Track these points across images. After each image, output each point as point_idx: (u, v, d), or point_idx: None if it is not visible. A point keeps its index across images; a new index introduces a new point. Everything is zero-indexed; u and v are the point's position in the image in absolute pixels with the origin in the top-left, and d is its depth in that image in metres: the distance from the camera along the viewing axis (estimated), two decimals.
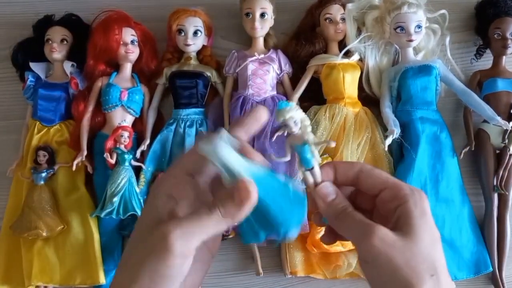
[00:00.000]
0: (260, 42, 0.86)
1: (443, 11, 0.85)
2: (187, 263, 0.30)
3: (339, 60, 0.83)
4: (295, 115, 0.35)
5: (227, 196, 0.30)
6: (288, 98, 0.85)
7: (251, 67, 0.83)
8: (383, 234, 0.33)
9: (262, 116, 0.35)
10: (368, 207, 0.38)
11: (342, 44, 0.85)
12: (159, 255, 0.29)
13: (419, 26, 0.82)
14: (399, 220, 0.34)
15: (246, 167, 0.30)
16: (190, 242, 0.29)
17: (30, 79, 0.85)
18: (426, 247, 0.33)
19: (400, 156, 0.82)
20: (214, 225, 0.30)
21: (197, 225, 0.29)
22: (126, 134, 0.80)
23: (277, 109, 0.36)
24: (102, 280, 0.78)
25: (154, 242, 0.29)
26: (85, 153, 0.80)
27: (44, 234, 0.76)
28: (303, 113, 0.36)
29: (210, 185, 0.34)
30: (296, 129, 0.36)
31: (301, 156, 0.36)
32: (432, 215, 0.78)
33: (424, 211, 0.34)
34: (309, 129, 0.36)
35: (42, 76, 0.86)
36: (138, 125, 0.85)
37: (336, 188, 0.37)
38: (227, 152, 0.30)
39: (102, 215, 0.76)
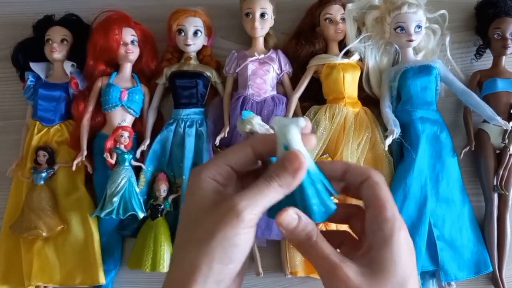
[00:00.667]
0: (260, 42, 0.86)
1: (443, 11, 0.85)
2: (253, 232, 0.33)
3: (339, 60, 0.83)
4: (257, 121, 0.36)
5: (281, 167, 0.32)
6: (288, 98, 0.85)
7: (251, 67, 0.83)
8: (347, 277, 0.31)
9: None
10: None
11: (342, 44, 0.85)
12: (230, 223, 0.31)
13: (419, 26, 0.82)
14: (372, 251, 0.32)
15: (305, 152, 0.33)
16: (256, 210, 0.32)
17: (30, 79, 0.85)
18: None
19: (400, 156, 0.82)
20: (273, 194, 0.32)
21: (259, 195, 0.32)
22: (126, 134, 0.80)
23: (241, 119, 0.36)
24: (102, 280, 0.78)
25: (223, 213, 0.31)
26: (85, 153, 0.80)
27: (44, 234, 0.76)
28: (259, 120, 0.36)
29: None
30: (264, 129, 0.36)
31: (278, 140, 0.34)
32: (432, 215, 0.78)
33: (400, 244, 0.32)
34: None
35: (42, 76, 0.86)
36: (138, 125, 0.85)
37: (300, 213, 0.34)
38: (296, 133, 0.33)
39: (102, 215, 0.76)
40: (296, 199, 0.34)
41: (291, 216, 0.34)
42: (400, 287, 0.31)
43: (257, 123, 0.36)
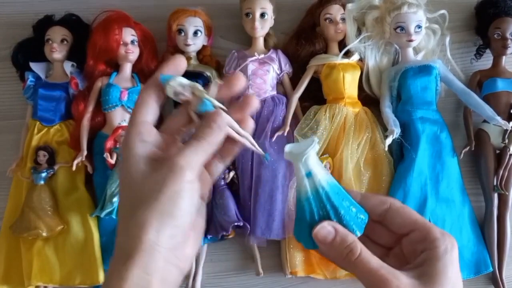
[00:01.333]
0: (260, 42, 0.86)
1: (443, 11, 0.85)
2: (196, 185, 0.34)
3: (339, 60, 0.83)
4: (178, 82, 0.36)
5: (207, 127, 0.35)
6: (288, 98, 0.85)
7: (251, 67, 0.83)
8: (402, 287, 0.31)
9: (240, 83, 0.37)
10: (387, 243, 0.37)
11: (342, 44, 0.85)
12: (175, 178, 0.32)
13: (419, 26, 0.82)
14: (424, 265, 0.32)
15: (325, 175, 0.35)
16: (194, 164, 0.33)
17: (30, 79, 0.85)
18: None
19: (400, 156, 0.82)
20: (206, 149, 0.34)
21: (194, 152, 0.34)
22: None
23: (162, 84, 0.36)
24: (102, 280, 0.78)
25: (166, 170, 0.32)
26: (85, 153, 0.80)
27: (44, 234, 0.76)
28: (188, 81, 0.37)
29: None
30: (188, 93, 0.36)
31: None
32: (432, 215, 0.78)
33: (453, 259, 0.32)
34: (199, 86, 0.36)
35: (42, 76, 0.86)
36: None
37: (335, 224, 0.34)
38: (314, 157, 0.35)
39: (102, 215, 0.76)
40: (329, 215, 0.34)
41: (326, 228, 0.34)
42: None
43: (178, 86, 0.36)
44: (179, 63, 0.37)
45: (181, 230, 0.32)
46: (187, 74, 0.35)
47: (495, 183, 0.81)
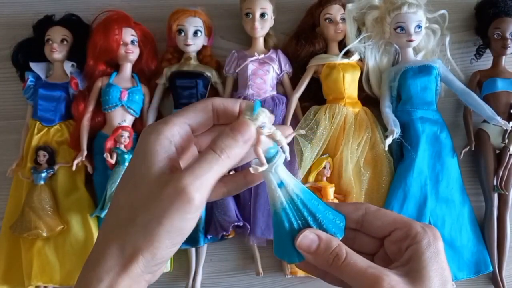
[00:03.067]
0: (260, 42, 0.86)
1: (443, 11, 0.85)
2: (200, 213, 0.31)
3: (339, 60, 0.83)
4: (269, 115, 0.34)
5: (230, 138, 0.31)
6: (288, 98, 0.85)
7: (251, 67, 0.83)
8: (393, 284, 0.30)
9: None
10: (370, 249, 0.36)
11: (342, 44, 0.85)
12: (181, 209, 0.29)
13: (419, 26, 0.82)
14: (410, 262, 0.32)
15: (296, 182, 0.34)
16: (207, 190, 0.30)
17: (30, 79, 0.85)
18: None
19: (400, 156, 0.82)
20: (222, 167, 0.31)
21: (209, 171, 0.30)
22: (126, 134, 0.80)
23: (254, 105, 0.33)
24: None
25: (172, 197, 0.29)
26: (85, 153, 0.80)
27: (44, 234, 0.76)
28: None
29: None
30: (266, 132, 0.34)
31: (264, 177, 0.34)
32: (432, 215, 0.78)
33: (437, 251, 0.32)
34: (282, 158, 0.34)
35: (42, 76, 0.86)
36: (138, 125, 0.85)
37: (316, 231, 0.33)
38: (283, 167, 0.34)
39: (102, 215, 0.76)
40: (308, 222, 0.34)
41: (309, 237, 0.33)
42: None
43: (262, 121, 0.33)
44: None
45: (168, 258, 0.32)
46: (187, 74, 0.34)
47: (495, 183, 0.81)
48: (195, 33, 0.84)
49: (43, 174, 0.80)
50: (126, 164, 0.79)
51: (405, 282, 0.31)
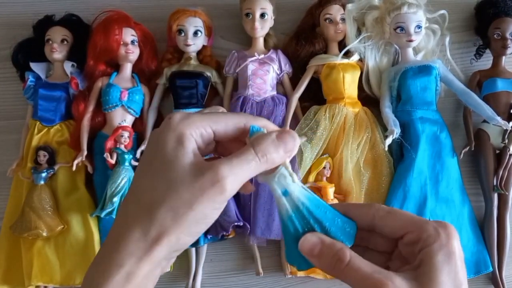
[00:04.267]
0: (260, 42, 0.86)
1: (443, 11, 0.85)
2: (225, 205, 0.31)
3: (339, 60, 0.83)
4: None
5: (274, 145, 0.32)
6: (288, 98, 0.85)
7: (251, 67, 0.83)
8: None
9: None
10: (386, 248, 0.34)
11: (342, 44, 0.85)
12: (213, 197, 0.30)
13: (419, 26, 0.82)
14: (421, 266, 0.30)
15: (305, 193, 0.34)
16: (239, 183, 0.31)
17: (30, 79, 0.85)
18: None
19: (400, 156, 0.82)
20: (258, 168, 0.31)
21: (245, 168, 0.31)
22: (126, 134, 0.80)
23: (250, 132, 0.34)
24: None
25: (206, 185, 0.30)
26: (85, 153, 0.80)
27: (44, 234, 0.76)
28: None
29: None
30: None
31: (270, 186, 0.34)
32: (432, 215, 0.77)
33: (451, 252, 0.30)
34: (288, 166, 0.34)
35: (42, 76, 0.86)
36: (138, 125, 0.85)
37: (320, 235, 0.33)
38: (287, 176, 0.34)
39: (102, 215, 0.76)
40: (314, 229, 0.33)
41: (311, 240, 0.32)
42: None
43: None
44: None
45: (187, 245, 0.32)
46: (187, 74, 0.34)
47: (495, 183, 0.81)
48: (195, 33, 0.84)
49: (43, 174, 0.80)
50: (127, 164, 0.79)
51: (413, 286, 0.30)
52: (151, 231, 0.30)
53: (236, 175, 0.30)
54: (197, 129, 0.32)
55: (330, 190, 0.78)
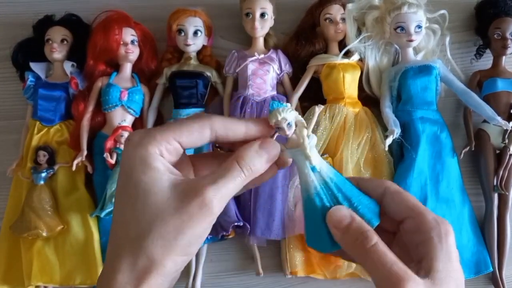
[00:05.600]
0: (260, 42, 0.86)
1: (443, 11, 0.85)
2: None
3: (339, 60, 0.83)
4: (288, 117, 0.33)
5: (257, 156, 0.31)
6: (288, 98, 0.85)
7: (251, 67, 0.83)
8: None
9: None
10: (391, 228, 0.34)
11: (342, 44, 0.85)
12: (203, 220, 0.29)
13: (419, 26, 0.82)
14: (424, 263, 0.30)
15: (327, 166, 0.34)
16: (226, 201, 0.31)
17: (30, 79, 0.85)
18: None
19: (400, 156, 0.82)
20: (244, 181, 0.31)
21: (231, 187, 0.30)
22: (126, 134, 0.80)
23: (269, 109, 0.33)
24: None
25: (194, 208, 0.29)
26: (85, 153, 0.80)
27: (44, 234, 0.76)
28: (298, 115, 0.34)
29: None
30: (290, 132, 0.33)
31: (296, 162, 0.34)
32: None
33: (450, 251, 0.30)
34: (305, 132, 0.33)
35: (42, 76, 0.86)
36: (138, 125, 0.85)
37: (353, 213, 0.32)
38: (315, 151, 0.34)
39: (102, 215, 0.76)
40: (342, 204, 0.33)
41: (342, 211, 0.32)
42: None
43: (283, 119, 0.33)
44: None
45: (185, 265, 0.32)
46: (187, 74, 0.34)
47: (495, 183, 0.81)
48: (195, 33, 0.84)
49: (43, 174, 0.80)
50: None
51: (428, 285, 0.29)
52: (142, 261, 0.29)
53: (222, 195, 0.30)
54: (160, 145, 0.30)
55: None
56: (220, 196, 0.30)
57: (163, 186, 0.30)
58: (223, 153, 0.36)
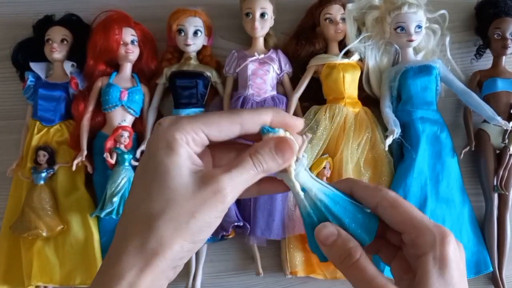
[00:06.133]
0: (260, 42, 0.86)
1: (443, 11, 0.85)
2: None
3: (339, 60, 0.83)
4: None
5: (271, 155, 0.32)
6: (288, 98, 0.85)
7: (251, 67, 0.83)
8: None
9: None
10: (396, 241, 0.34)
11: (342, 44, 0.85)
12: (215, 207, 0.30)
13: (419, 26, 0.82)
14: (416, 278, 0.30)
15: (320, 186, 0.34)
16: (238, 194, 0.32)
17: (30, 79, 0.85)
18: None
19: (400, 156, 0.82)
20: (256, 177, 0.32)
21: (244, 179, 0.31)
22: (126, 134, 0.80)
23: (261, 131, 0.34)
24: None
25: (208, 195, 0.30)
26: (85, 153, 0.80)
27: (44, 234, 0.76)
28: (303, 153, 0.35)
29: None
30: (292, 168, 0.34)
31: (286, 182, 0.35)
32: (432, 215, 0.77)
33: (445, 266, 0.29)
34: (294, 158, 0.34)
35: (42, 76, 0.86)
36: (138, 125, 0.85)
37: (340, 230, 0.33)
38: (305, 173, 0.34)
39: (102, 215, 0.76)
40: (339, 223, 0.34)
41: (328, 229, 0.33)
42: None
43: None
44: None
45: (192, 254, 0.32)
46: (187, 74, 0.34)
47: (495, 183, 0.81)
48: (195, 33, 0.84)
49: (43, 174, 0.80)
50: (126, 164, 0.79)
51: None
52: (151, 242, 0.29)
53: (235, 185, 0.31)
54: (188, 134, 0.31)
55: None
56: (233, 185, 0.31)
57: (182, 171, 0.31)
58: (242, 143, 0.37)
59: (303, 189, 0.34)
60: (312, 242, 0.35)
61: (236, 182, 0.31)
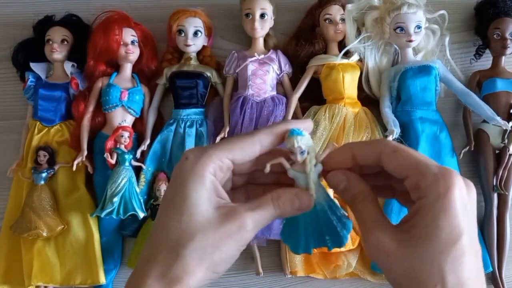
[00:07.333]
0: (260, 42, 0.86)
1: (442, 11, 0.85)
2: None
3: (338, 60, 0.83)
4: (304, 146, 0.35)
5: (291, 203, 0.35)
6: (288, 98, 0.85)
7: (251, 67, 0.83)
8: (378, 242, 0.31)
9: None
10: (399, 186, 0.35)
11: (342, 44, 0.86)
12: (237, 240, 0.33)
13: (418, 27, 0.82)
14: (413, 218, 0.31)
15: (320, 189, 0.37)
16: (258, 229, 0.34)
17: (30, 79, 0.85)
18: (434, 254, 0.29)
19: None
20: (273, 218, 0.35)
21: (264, 218, 0.34)
22: (126, 134, 0.80)
23: (288, 134, 0.35)
24: (102, 280, 0.78)
25: (232, 229, 0.32)
26: (85, 153, 0.80)
27: (44, 234, 0.76)
28: (312, 144, 0.36)
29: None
30: (300, 159, 0.35)
31: (296, 181, 0.36)
32: None
33: (446, 206, 0.29)
34: (314, 161, 0.35)
35: (43, 76, 0.86)
36: (138, 125, 0.85)
37: (347, 173, 0.35)
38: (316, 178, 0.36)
39: (102, 215, 0.76)
40: (320, 225, 0.37)
41: (340, 177, 0.35)
42: (442, 253, 0.29)
43: (298, 147, 0.35)
44: (308, 126, 0.37)
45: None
46: (187, 74, 0.34)
47: (494, 183, 0.81)
48: (195, 33, 0.84)
49: (43, 174, 0.80)
50: (127, 164, 0.79)
51: (401, 238, 0.31)
52: (177, 269, 0.31)
53: (257, 223, 0.34)
54: (214, 163, 0.33)
55: (330, 190, 0.78)
56: (255, 223, 0.33)
57: (209, 206, 0.33)
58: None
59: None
60: (285, 233, 0.39)
61: (258, 221, 0.34)
